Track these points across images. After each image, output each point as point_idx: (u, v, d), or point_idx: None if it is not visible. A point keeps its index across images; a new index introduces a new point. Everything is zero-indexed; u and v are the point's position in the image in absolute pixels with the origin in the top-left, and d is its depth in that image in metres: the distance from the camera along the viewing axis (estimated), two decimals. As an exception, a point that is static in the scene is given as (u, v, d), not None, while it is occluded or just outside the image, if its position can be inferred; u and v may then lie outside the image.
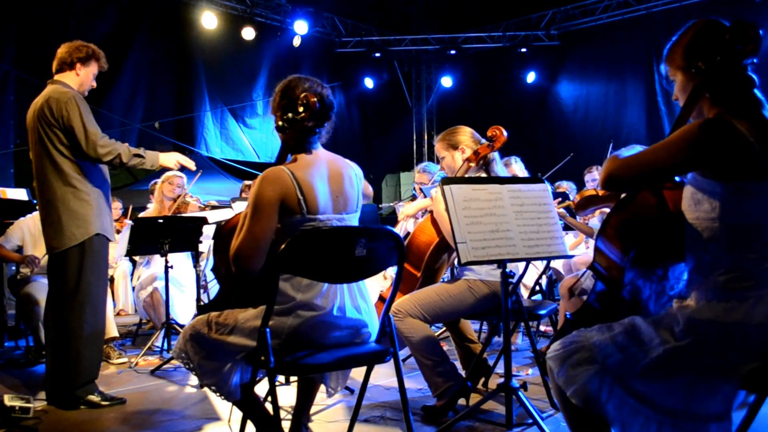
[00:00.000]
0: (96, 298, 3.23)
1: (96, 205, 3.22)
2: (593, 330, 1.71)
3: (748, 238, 1.58)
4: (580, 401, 1.64)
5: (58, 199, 3.15)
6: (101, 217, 3.24)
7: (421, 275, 3.14)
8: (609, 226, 1.93)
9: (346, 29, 10.55)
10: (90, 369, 3.21)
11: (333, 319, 2.15)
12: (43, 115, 3.15)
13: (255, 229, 2.05)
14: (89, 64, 3.31)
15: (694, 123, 1.62)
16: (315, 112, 2.18)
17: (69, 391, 3.14)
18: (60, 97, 3.14)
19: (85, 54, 3.29)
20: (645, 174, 1.66)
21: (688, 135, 1.59)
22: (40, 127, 3.16)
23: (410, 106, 11.89)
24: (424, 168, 4.99)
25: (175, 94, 9.24)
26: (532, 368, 3.88)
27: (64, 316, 3.16)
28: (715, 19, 1.70)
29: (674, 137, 1.61)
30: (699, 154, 1.58)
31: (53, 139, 3.15)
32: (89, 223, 3.18)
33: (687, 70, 1.71)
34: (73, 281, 3.15)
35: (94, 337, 3.22)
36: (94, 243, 3.20)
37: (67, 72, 3.28)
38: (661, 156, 1.62)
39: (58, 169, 3.15)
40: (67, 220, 3.15)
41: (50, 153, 3.15)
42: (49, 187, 3.17)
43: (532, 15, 10.23)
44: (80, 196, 3.18)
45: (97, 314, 3.24)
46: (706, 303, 1.60)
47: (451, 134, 3.19)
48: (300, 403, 2.45)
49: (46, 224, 3.21)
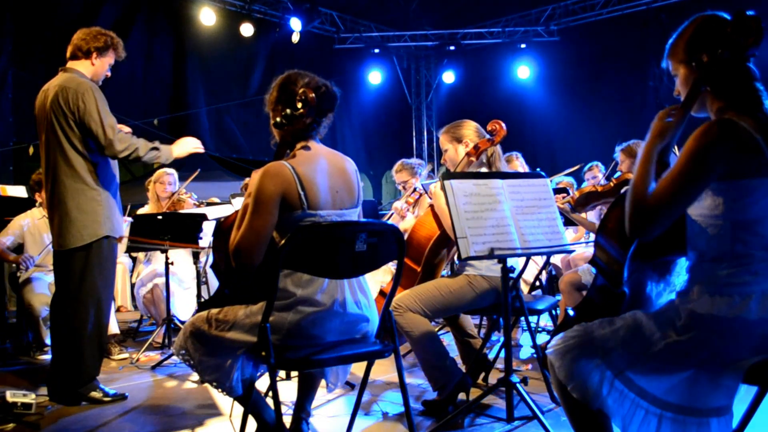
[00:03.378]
0: (101, 298, 3.18)
1: (106, 204, 3.15)
2: (594, 324, 1.71)
3: (751, 233, 1.58)
4: (580, 395, 1.64)
5: (68, 195, 3.07)
6: (111, 217, 3.17)
7: (421, 270, 3.14)
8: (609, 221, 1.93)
9: (345, 25, 10.52)
10: (92, 366, 3.20)
11: (334, 314, 2.15)
12: (57, 105, 3.04)
13: (256, 223, 2.05)
14: (106, 54, 3.22)
15: (698, 138, 1.56)
16: (313, 107, 2.18)
17: (72, 388, 3.14)
18: (76, 87, 3.04)
19: (103, 43, 3.19)
20: (682, 207, 1.60)
21: (700, 156, 1.55)
22: (54, 117, 3.06)
23: (409, 102, 11.88)
24: (402, 165, 4.76)
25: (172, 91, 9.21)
26: (532, 363, 3.89)
27: (67, 314, 3.13)
28: (717, 12, 1.69)
29: (686, 163, 1.55)
30: (717, 164, 1.55)
31: (67, 131, 3.06)
32: (98, 225, 3.11)
33: (689, 64, 1.71)
34: (76, 281, 3.11)
35: (96, 336, 3.19)
36: (102, 245, 3.14)
37: (82, 60, 3.18)
38: (681, 187, 1.56)
39: (69, 164, 3.07)
40: (75, 218, 3.07)
41: (63, 146, 3.06)
42: (59, 182, 3.09)
43: (531, 10, 10.20)
44: (91, 195, 3.10)
45: (101, 314, 3.20)
46: (708, 297, 1.59)
47: (456, 127, 3.20)
48: (301, 398, 2.46)
49: (54, 219, 3.13)
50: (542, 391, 3.16)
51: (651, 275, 1.89)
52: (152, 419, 2.98)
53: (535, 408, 2.55)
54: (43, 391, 3.28)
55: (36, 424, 2.88)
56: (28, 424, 2.88)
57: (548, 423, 2.48)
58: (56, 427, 2.90)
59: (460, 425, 2.75)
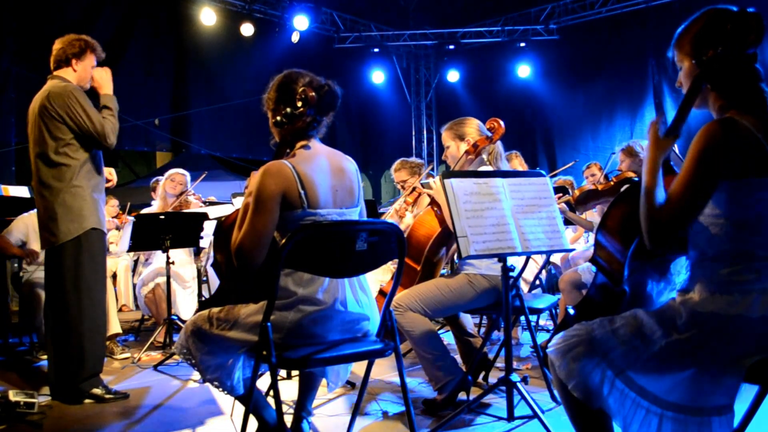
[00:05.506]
0: (94, 291, 3.23)
1: (91, 199, 3.23)
2: (595, 323, 1.71)
3: (752, 231, 1.58)
4: (581, 394, 1.64)
5: (54, 195, 3.16)
6: (96, 211, 3.25)
7: (421, 269, 3.15)
8: (609, 219, 1.94)
9: (345, 25, 10.52)
10: (93, 362, 3.21)
11: (334, 313, 2.15)
12: (44, 111, 3.16)
13: (257, 222, 2.05)
14: (84, 58, 3.30)
15: (702, 139, 1.56)
16: (314, 106, 2.18)
17: (73, 384, 3.15)
18: (60, 91, 3.15)
19: (79, 48, 3.28)
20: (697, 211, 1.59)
21: (706, 157, 1.55)
22: (42, 123, 3.17)
23: (409, 101, 11.88)
24: (402, 164, 4.72)
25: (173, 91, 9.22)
26: (532, 362, 3.89)
27: (62, 310, 3.17)
28: (728, 7, 1.67)
29: (693, 166, 1.55)
30: (723, 162, 1.55)
31: (55, 133, 3.15)
32: (84, 218, 3.19)
33: (693, 59, 1.69)
34: (70, 275, 3.16)
35: (94, 330, 3.22)
36: (90, 237, 3.21)
37: (64, 68, 3.29)
38: (692, 192, 1.56)
39: (53, 164, 3.16)
40: (62, 214, 3.15)
41: (48, 149, 3.16)
42: (45, 183, 3.18)
43: (531, 9, 10.20)
44: (76, 192, 3.18)
45: (96, 307, 3.24)
46: (709, 295, 1.59)
47: (459, 125, 3.20)
48: (301, 397, 2.46)
49: (42, 220, 3.22)
50: (542, 390, 3.17)
51: (651, 274, 1.90)
52: (153, 418, 2.99)
53: (536, 407, 2.56)
54: (45, 390, 3.29)
55: (38, 424, 2.88)
56: (30, 424, 2.88)
57: (549, 422, 2.49)
58: (58, 426, 2.90)
59: (460, 425, 2.75)
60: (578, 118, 10.19)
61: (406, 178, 4.67)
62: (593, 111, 10.03)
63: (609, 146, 9.12)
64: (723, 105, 1.67)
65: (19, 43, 7.30)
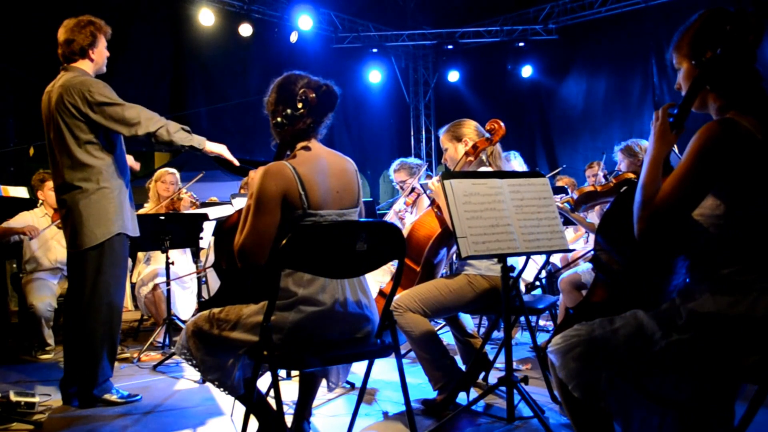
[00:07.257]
0: (113, 298, 3.17)
1: (118, 201, 3.14)
2: (595, 323, 1.71)
3: (752, 232, 1.58)
4: (581, 394, 1.64)
5: (78, 195, 3.06)
6: (123, 214, 3.16)
7: (421, 269, 3.15)
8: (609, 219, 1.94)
9: (343, 25, 10.52)
10: (106, 368, 3.17)
11: (334, 314, 2.16)
12: (62, 105, 3.04)
13: (259, 223, 2.06)
14: (98, 44, 3.23)
15: (701, 138, 1.57)
16: (314, 107, 2.18)
17: (87, 390, 3.12)
18: (80, 84, 3.05)
19: (91, 37, 3.20)
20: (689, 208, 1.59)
21: (704, 155, 1.55)
22: (60, 117, 3.05)
23: (407, 101, 11.88)
24: (401, 165, 4.75)
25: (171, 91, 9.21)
26: (532, 362, 3.90)
27: (81, 316, 3.11)
28: (724, 8, 1.67)
29: (690, 163, 1.55)
30: (720, 162, 1.55)
31: (74, 129, 3.05)
32: (111, 222, 3.10)
33: (692, 60, 1.70)
34: (91, 281, 3.09)
35: (110, 337, 3.17)
36: (114, 243, 3.12)
37: (80, 60, 3.19)
38: (686, 188, 1.56)
39: (77, 162, 3.06)
40: (88, 217, 3.05)
41: (69, 146, 3.05)
42: (67, 183, 3.08)
43: (529, 9, 10.19)
44: (103, 193, 3.09)
45: (114, 314, 3.19)
46: (710, 296, 1.60)
47: (457, 126, 3.21)
48: (302, 398, 2.47)
49: (67, 222, 3.11)
50: (543, 390, 3.17)
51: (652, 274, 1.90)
52: (154, 418, 2.99)
53: (536, 407, 2.56)
54: (45, 390, 3.29)
55: (39, 424, 2.88)
56: (31, 424, 2.88)
57: (549, 422, 2.49)
58: (59, 426, 2.90)
59: (460, 425, 2.76)
60: (578, 118, 10.19)
61: (405, 178, 4.68)
62: (593, 111, 10.03)
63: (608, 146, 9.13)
64: (723, 105, 1.67)
65: (16, 44, 7.29)
